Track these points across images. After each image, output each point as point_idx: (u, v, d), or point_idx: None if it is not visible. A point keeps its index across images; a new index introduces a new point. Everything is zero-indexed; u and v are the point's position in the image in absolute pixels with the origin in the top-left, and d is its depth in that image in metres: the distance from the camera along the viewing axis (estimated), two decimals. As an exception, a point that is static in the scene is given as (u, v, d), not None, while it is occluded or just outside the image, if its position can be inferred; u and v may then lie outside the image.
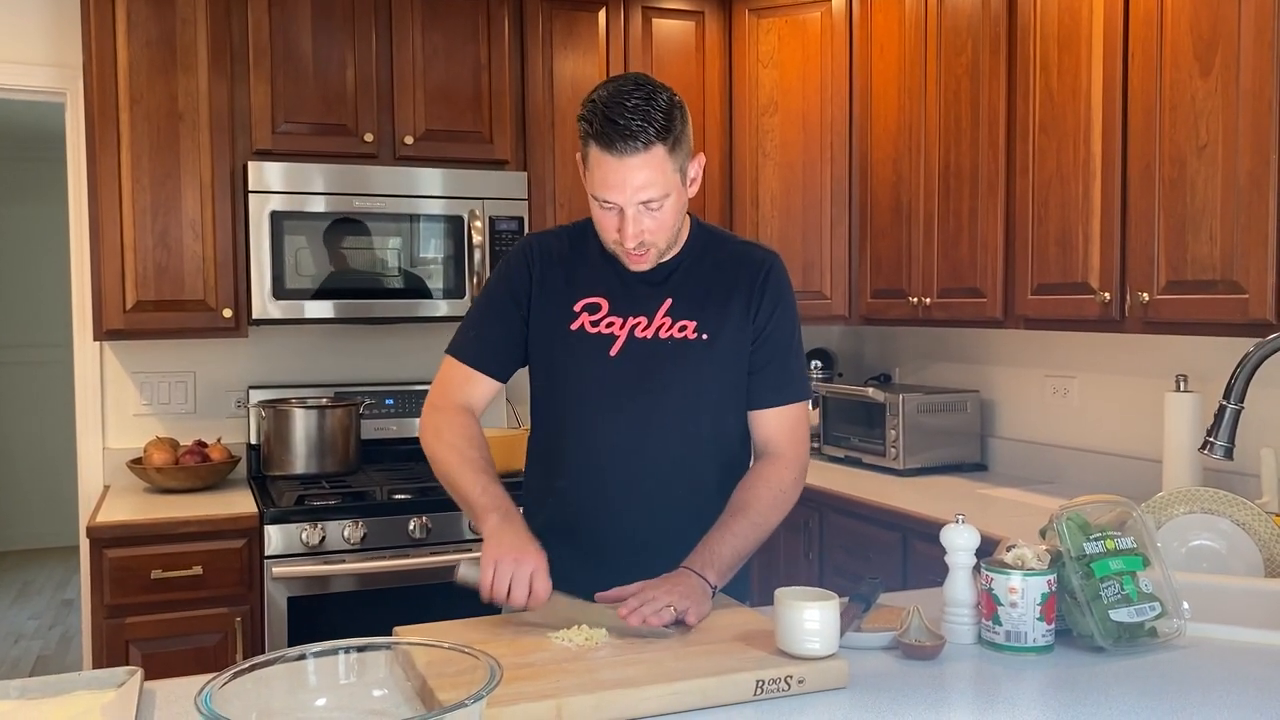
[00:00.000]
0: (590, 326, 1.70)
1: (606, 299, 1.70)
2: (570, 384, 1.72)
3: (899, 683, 1.36)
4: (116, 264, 2.90)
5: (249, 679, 1.04)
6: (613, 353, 1.69)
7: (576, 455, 1.73)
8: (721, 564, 1.58)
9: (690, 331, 1.69)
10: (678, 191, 1.61)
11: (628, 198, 1.57)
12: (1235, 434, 1.76)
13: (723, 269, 1.73)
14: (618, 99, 1.54)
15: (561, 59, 3.34)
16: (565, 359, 1.71)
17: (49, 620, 5.21)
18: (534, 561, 1.48)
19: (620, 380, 1.69)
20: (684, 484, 1.72)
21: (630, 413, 1.69)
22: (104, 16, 2.86)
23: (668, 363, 1.69)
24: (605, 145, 1.55)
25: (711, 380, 1.71)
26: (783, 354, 1.74)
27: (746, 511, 1.65)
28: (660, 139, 1.54)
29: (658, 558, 1.62)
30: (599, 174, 1.57)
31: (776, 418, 1.74)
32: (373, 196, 3.05)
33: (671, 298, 1.70)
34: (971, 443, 3.27)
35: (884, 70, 3.24)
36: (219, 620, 2.68)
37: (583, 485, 1.72)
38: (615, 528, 1.70)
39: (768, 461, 1.73)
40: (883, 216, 3.27)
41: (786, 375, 1.74)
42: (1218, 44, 2.15)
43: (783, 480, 1.71)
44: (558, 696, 1.22)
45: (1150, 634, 1.49)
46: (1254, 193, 2.09)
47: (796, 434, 1.75)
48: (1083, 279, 2.50)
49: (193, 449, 3.04)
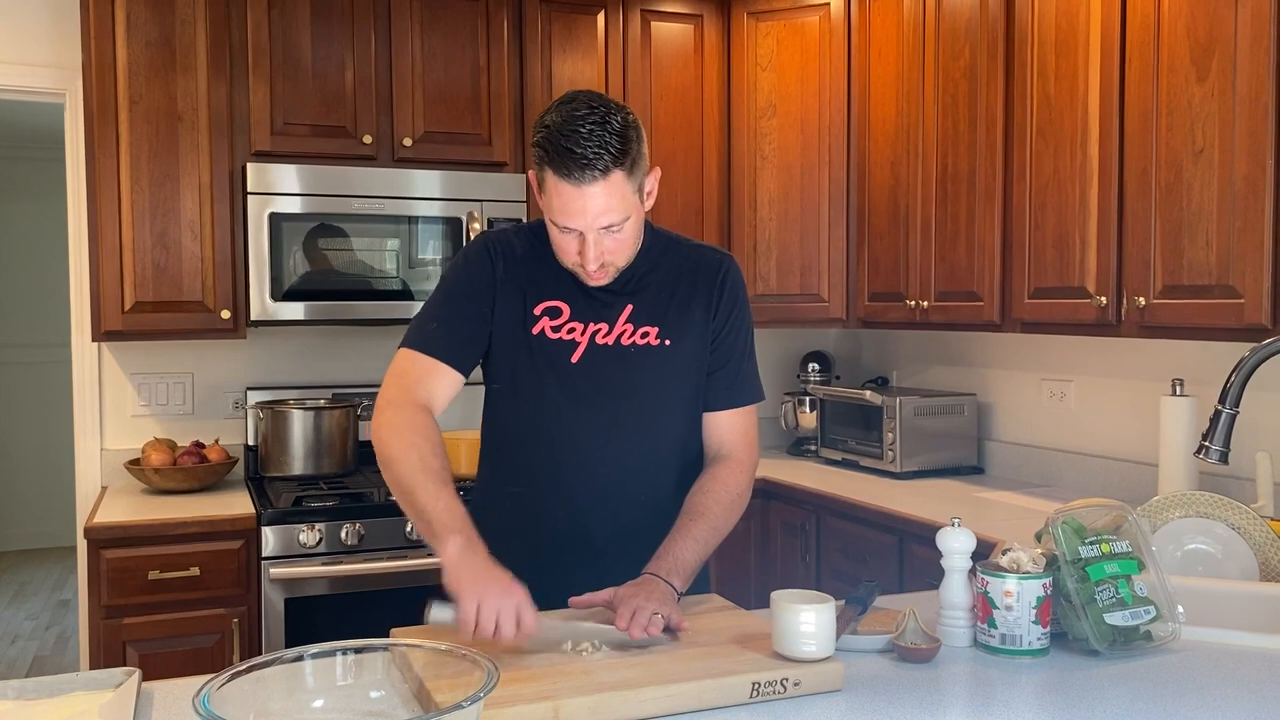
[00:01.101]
0: (551, 332, 1.69)
1: (567, 304, 1.69)
2: (531, 389, 1.70)
3: (894, 685, 1.36)
4: (115, 265, 2.90)
5: (247, 680, 1.05)
6: (574, 359, 1.68)
7: (536, 460, 1.71)
8: (685, 569, 1.58)
9: (653, 337, 1.70)
10: (636, 210, 1.60)
11: (588, 224, 1.55)
12: (1230, 438, 1.77)
13: (681, 273, 1.73)
14: (571, 125, 1.51)
15: (560, 61, 3.34)
16: (526, 363, 1.70)
17: (45, 621, 5.20)
18: (518, 593, 1.38)
19: (582, 387, 1.68)
20: (645, 488, 1.72)
21: (593, 419, 1.69)
22: (103, 17, 2.87)
23: (630, 369, 1.69)
24: (563, 174, 1.52)
25: (674, 385, 1.72)
26: (738, 357, 1.75)
27: (706, 516, 1.65)
28: (617, 164, 1.53)
29: (616, 561, 1.62)
30: (558, 202, 1.55)
31: (730, 420, 1.75)
32: (371, 198, 3.05)
33: (632, 304, 1.70)
34: (969, 446, 3.27)
35: (882, 74, 3.24)
36: (216, 621, 2.69)
37: (543, 490, 1.71)
38: (575, 533, 1.70)
39: (722, 465, 1.73)
40: (880, 220, 3.27)
41: (741, 378, 1.76)
42: (1214, 49, 2.16)
43: (739, 484, 1.72)
44: (555, 698, 1.23)
45: (1145, 637, 1.50)
46: (1250, 198, 2.10)
47: (749, 436, 1.76)
48: (1079, 283, 2.51)
49: (190, 450, 3.04)
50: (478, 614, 1.35)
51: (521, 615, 1.36)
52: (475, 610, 1.35)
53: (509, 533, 1.66)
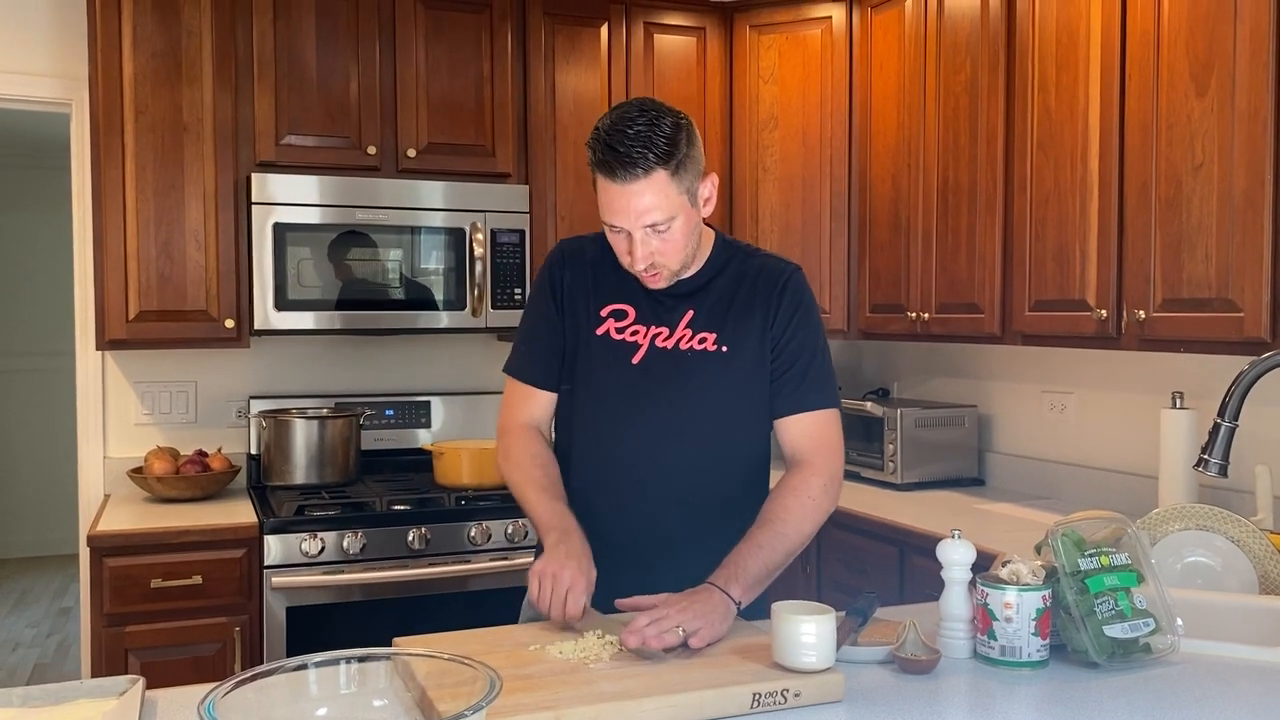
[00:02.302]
0: (615, 333, 1.74)
1: (634, 307, 1.75)
2: (591, 388, 1.76)
3: (894, 696, 1.37)
4: (119, 274, 2.91)
5: (251, 688, 1.05)
6: (635, 360, 1.72)
7: (592, 458, 1.76)
8: (748, 579, 1.55)
9: (710, 343, 1.72)
10: (685, 213, 1.63)
11: (632, 222, 1.60)
12: (1230, 451, 1.77)
13: (744, 283, 1.75)
14: (620, 126, 1.57)
15: (564, 73, 3.36)
16: (588, 362, 1.75)
17: (47, 628, 5.20)
18: (570, 579, 1.53)
19: (641, 388, 1.72)
20: (698, 494, 1.73)
21: (648, 422, 1.72)
22: (110, 28, 2.89)
23: (687, 373, 1.71)
24: (608, 173, 1.59)
25: (730, 391, 1.73)
26: (803, 362, 1.73)
27: (773, 523, 1.64)
28: (661, 163, 1.56)
29: (667, 567, 1.64)
30: (605, 199, 1.62)
31: (800, 425, 1.73)
32: (375, 209, 3.07)
33: (693, 310, 1.73)
34: (969, 458, 3.28)
35: (883, 87, 3.26)
36: (218, 630, 2.69)
37: (597, 488, 1.75)
38: (627, 534, 1.72)
39: (795, 470, 1.72)
40: (881, 232, 3.29)
41: (808, 382, 1.73)
42: (1213, 65, 2.18)
43: (810, 488, 1.68)
44: (556, 708, 1.23)
45: (1144, 650, 1.50)
46: (1249, 212, 2.11)
47: (822, 440, 1.72)
48: (1080, 296, 2.52)
49: (193, 458, 3.05)
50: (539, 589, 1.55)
51: (569, 599, 1.52)
52: (536, 585, 1.55)
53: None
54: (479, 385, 3.56)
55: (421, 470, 3.30)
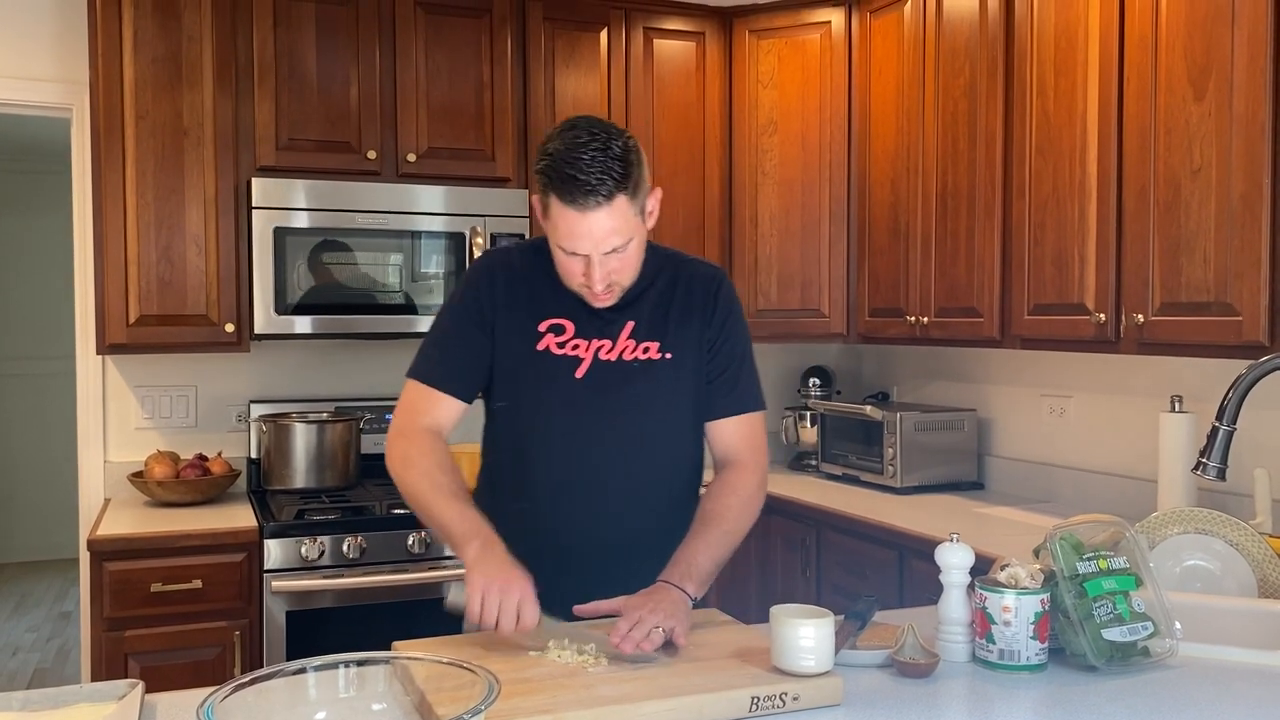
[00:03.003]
0: (556, 348, 1.71)
1: (571, 321, 1.72)
2: (536, 406, 1.72)
3: (893, 700, 1.37)
4: (120, 278, 2.92)
5: (250, 692, 1.06)
6: (579, 374, 1.70)
7: (543, 476, 1.73)
8: (700, 575, 1.60)
9: (654, 351, 1.73)
10: (639, 231, 1.63)
11: (593, 248, 1.59)
12: (1228, 455, 1.78)
13: (678, 289, 1.77)
14: (574, 152, 1.54)
15: (563, 78, 3.37)
16: (531, 379, 1.72)
17: (47, 633, 5.20)
18: (520, 589, 1.47)
19: (588, 402, 1.70)
20: (653, 498, 1.75)
21: (598, 434, 1.71)
22: (111, 33, 2.89)
23: (634, 383, 1.72)
24: (567, 200, 1.55)
25: (677, 397, 1.75)
26: (736, 365, 1.78)
27: (719, 521, 1.68)
28: (620, 189, 1.56)
29: (622, 571, 1.65)
30: (563, 226, 1.58)
31: (735, 426, 1.78)
32: (375, 213, 3.07)
33: (634, 320, 1.73)
34: (969, 461, 3.28)
35: (882, 91, 3.27)
36: (218, 634, 2.69)
37: (550, 506, 1.72)
38: (584, 547, 1.71)
39: (732, 470, 1.77)
40: (881, 236, 3.29)
41: (741, 386, 1.78)
42: (1211, 69, 2.18)
43: (749, 487, 1.74)
44: (555, 712, 1.24)
45: (1143, 653, 1.51)
46: (1247, 216, 2.12)
47: (755, 442, 1.79)
48: (1078, 300, 2.52)
49: (193, 463, 3.06)
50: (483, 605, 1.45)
51: (523, 609, 1.45)
52: (480, 601, 1.45)
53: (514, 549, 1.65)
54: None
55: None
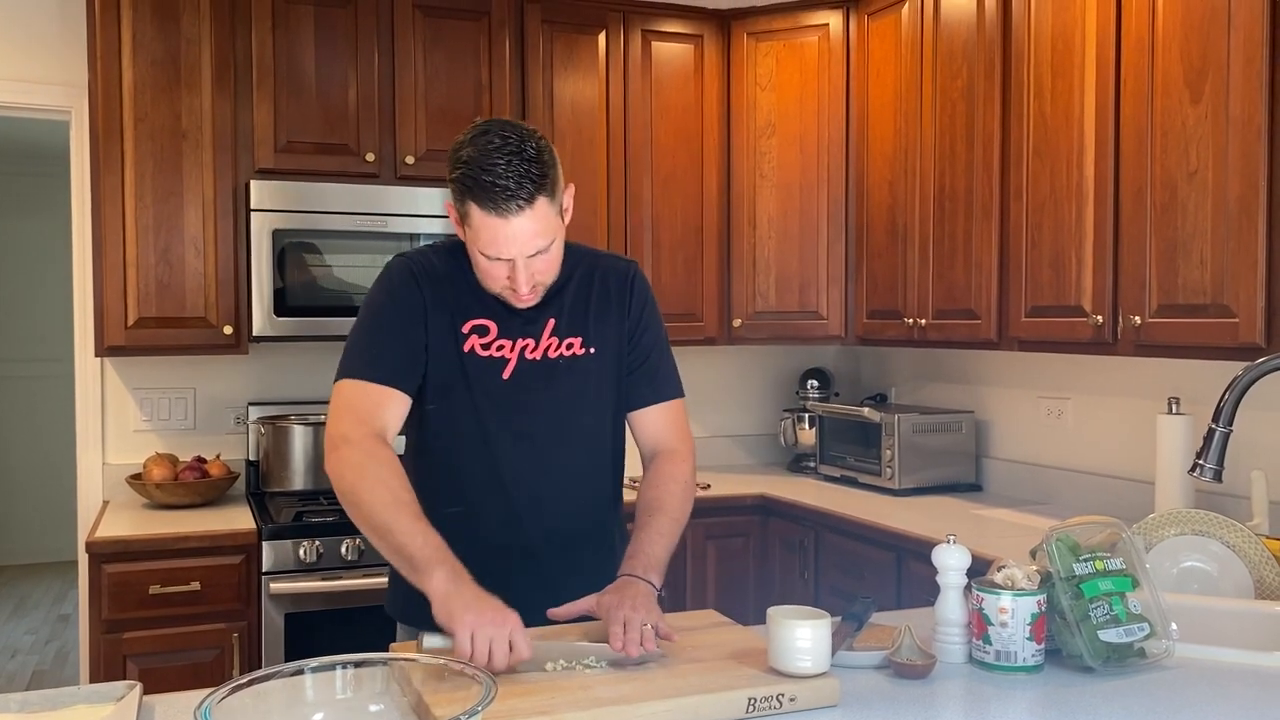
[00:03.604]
0: (481, 349, 1.70)
1: (494, 322, 1.70)
2: (464, 408, 1.70)
3: (890, 701, 1.37)
4: (119, 280, 2.92)
5: (247, 694, 1.06)
6: (505, 375, 1.70)
7: (476, 479, 1.71)
8: (658, 564, 1.62)
9: (578, 347, 1.74)
10: (559, 231, 1.63)
11: (518, 252, 1.58)
12: (1224, 457, 1.78)
13: (593, 283, 1.78)
14: (489, 158, 1.53)
15: (562, 80, 3.37)
16: (457, 382, 1.69)
17: (45, 635, 5.20)
18: (512, 621, 1.38)
19: (516, 402, 1.70)
20: (587, 493, 1.77)
21: (528, 433, 1.71)
22: (110, 36, 2.90)
23: (561, 380, 1.72)
24: (488, 208, 1.54)
25: (603, 391, 1.76)
26: (655, 355, 1.80)
27: (664, 509, 1.70)
28: (540, 191, 1.55)
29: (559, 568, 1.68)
30: (486, 234, 1.56)
31: (660, 415, 1.80)
32: (374, 215, 3.08)
33: (554, 318, 1.73)
34: (966, 463, 3.28)
35: (880, 94, 3.27)
36: (216, 636, 2.69)
37: (481, 507, 1.71)
38: (516, 545, 1.71)
39: (664, 458, 1.78)
40: (878, 238, 3.30)
41: (662, 374, 1.81)
42: (1208, 72, 2.19)
43: (684, 473, 1.77)
44: (552, 713, 1.24)
45: (1139, 654, 1.51)
46: (1243, 218, 2.12)
47: (681, 429, 1.81)
48: (1076, 302, 2.53)
49: (192, 465, 3.06)
50: (473, 644, 1.34)
51: (515, 642, 1.37)
52: (470, 641, 1.35)
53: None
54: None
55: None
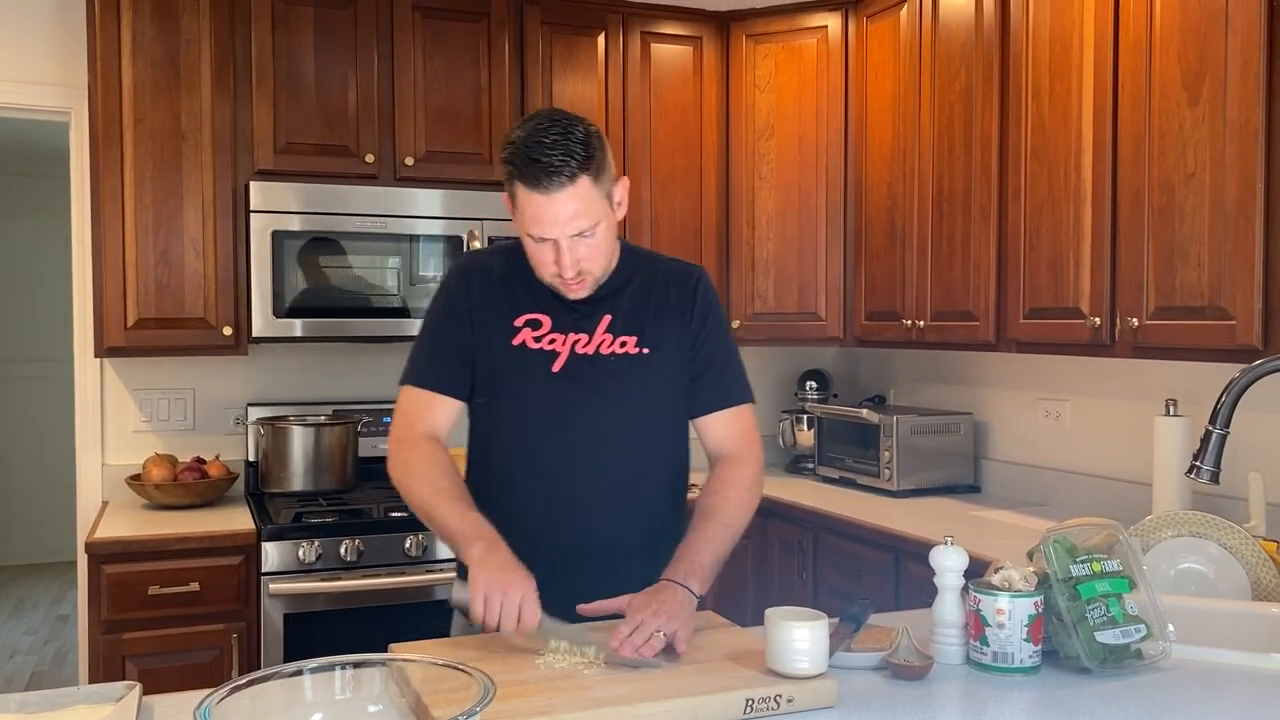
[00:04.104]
0: (533, 342, 1.73)
1: (548, 316, 1.73)
2: (514, 400, 1.73)
3: (887, 702, 1.38)
4: (118, 281, 2.92)
5: (246, 694, 1.06)
6: (555, 369, 1.72)
7: (520, 472, 1.74)
8: (703, 572, 1.60)
9: (631, 346, 1.74)
10: (607, 217, 1.66)
11: (560, 230, 1.61)
12: (1221, 458, 1.78)
13: (655, 286, 1.78)
14: (536, 137, 1.58)
15: (561, 82, 3.38)
16: (508, 375, 1.73)
17: (44, 635, 5.20)
18: (521, 589, 1.47)
19: (565, 396, 1.71)
20: (629, 495, 1.75)
21: (577, 427, 1.72)
22: (109, 37, 2.90)
23: (610, 377, 1.72)
24: (532, 184, 1.58)
25: (655, 392, 1.76)
26: (720, 360, 1.79)
27: (718, 515, 1.69)
28: (584, 170, 1.59)
29: (603, 568, 1.66)
30: (530, 212, 1.61)
31: (724, 420, 1.79)
32: (373, 216, 3.08)
33: (611, 314, 1.74)
34: (965, 464, 3.29)
35: (879, 95, 3.28)
36: (215, 636, 2.69)
37: (531, 503, 1.72)
38: (563, 541, 1.71)
39: (727, 463, 1.77)
40: (877, 240, 3.30)
41: (727, 379, 1.79)
42: (1205, 74, 2.19)
43: (744, 478, 1.75)
44: (551, 714, 1.24)
45: (1136, 656, 1.51)
46: (1241, 220, 2.12)
47: (747, 434, 1.79)
48: (1073, 303, 2.53)
49: (191, 466, 3.06)
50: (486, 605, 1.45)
51: (524, 609, 1.45)
52: (483, 601, 1.46)
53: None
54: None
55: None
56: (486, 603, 1.46)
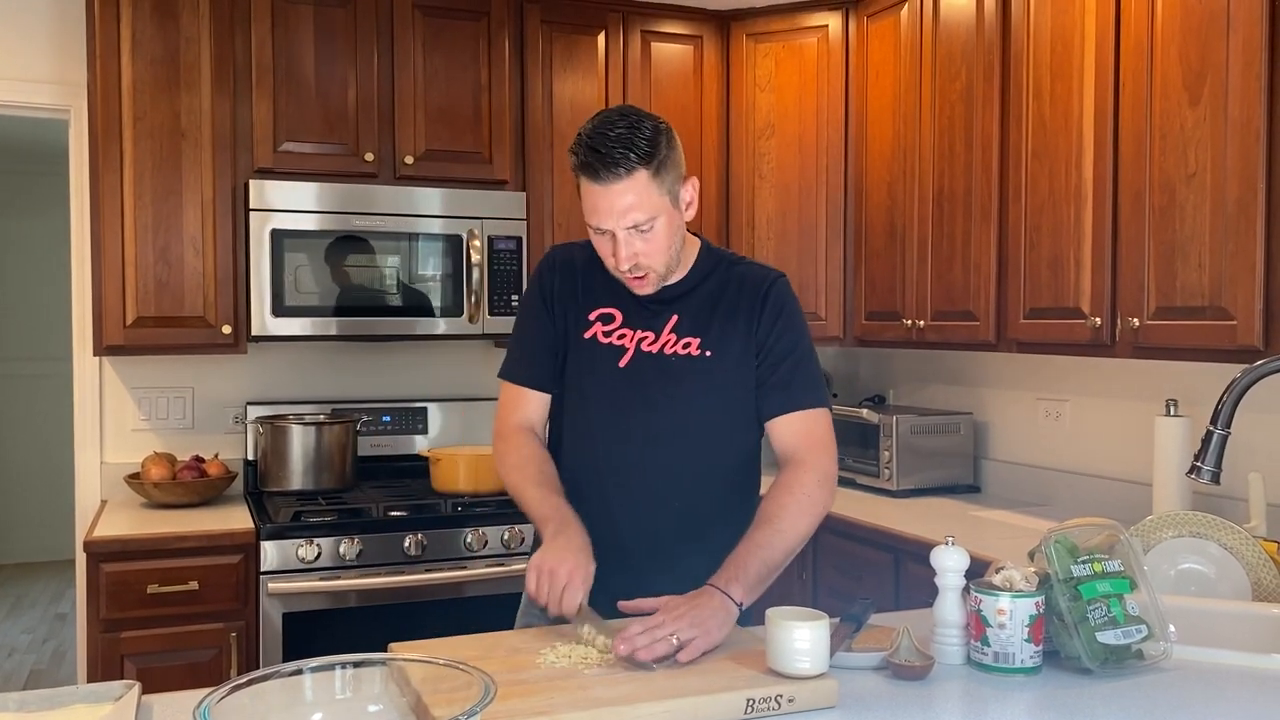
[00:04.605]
0: (603, 337, 1.77)
1: (620, 311, 1.77)
2: (578, 392, 1.78)
3: (888, 702, 1.37)
4: (117, 280, 2.92)
5: (246, 693, 1.06)
6: (622, 364, 1.74)
7: (579, 461, 1.79)
8: (749, 579, 1.55)
9: (694, 348, 1.74)
10: (668, 214, 1.66)
11: (615, 222, 1.63)
12: (1222, 459, 1.78)
13: (728, 289, 1.78)
14: (602, 129, 1.62)
15: (561, 81, 3.37)
16: (577, 366, 1.79)
17: (43, 634, 5.19)
18: (568, 574, 1.54)
19: (627, 392, 1.74)
20: (684, 496, 1.74)
21: (634, 424, 1.74)
22: (109, 35, 2.90)
23: (672, 378, 1.73)
24: (591, 174, 1.62)
25: (714, 395, 1.75)
26: (790, 363, 1.74)
27: (771, 521, 1.64)
28: (642, 163, 1.60)
29: (650, 567, 1.67)
30: (589, 202, 1.65)
31: (789, 424, 1.74)
32: (372, 215, 3.08)
33: (678, 315, 1.75)
34: (965, 464, 3.28)
35: (879, 95, 3.27)
36: (214, 635, 2.69)
37: (589, 496, 1.75)
38: (615, 536, 1.72)
39: (788, 469, 1.73)
40: (877, 239, 3.30)
41: (796, 383, 1.74)
42: (1206, 74, 2.19)
43: (804, 484, 1.68)
44: (551, 713, 1.24)
45: (1137, 656, 1.51)
46: (1242, 220, 2.12)
47: (813, 439, 1.73)
48: (1074, 304, 2.53)
49: (190, 464, 3.05)
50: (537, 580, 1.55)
51: (566, 591, 1.53)
52: (534, 578, 1.56)
53: None
54: (475, 391, 3.57)
55: (418, 476, 3.30)
56: (538, 581, 1.55)
